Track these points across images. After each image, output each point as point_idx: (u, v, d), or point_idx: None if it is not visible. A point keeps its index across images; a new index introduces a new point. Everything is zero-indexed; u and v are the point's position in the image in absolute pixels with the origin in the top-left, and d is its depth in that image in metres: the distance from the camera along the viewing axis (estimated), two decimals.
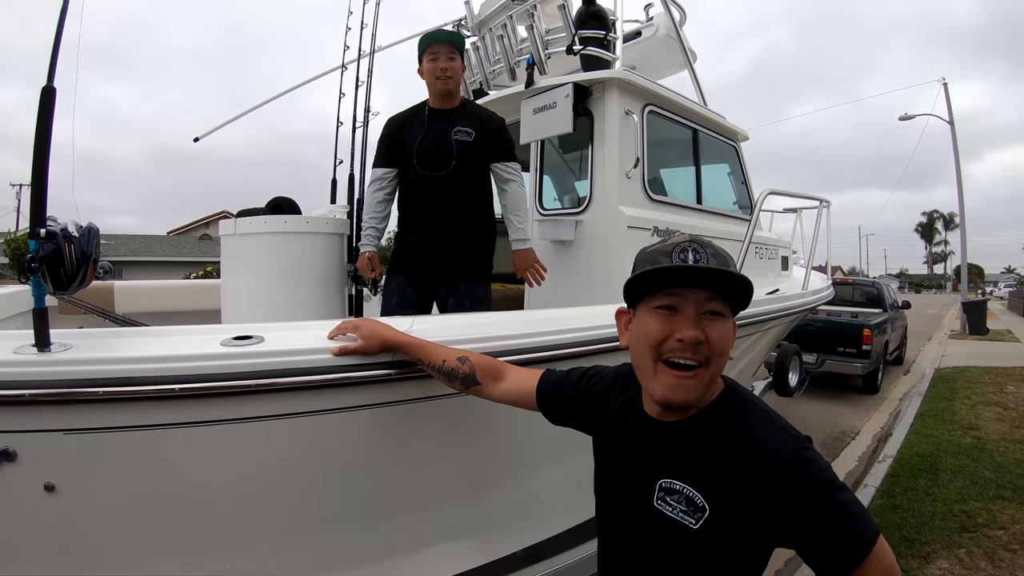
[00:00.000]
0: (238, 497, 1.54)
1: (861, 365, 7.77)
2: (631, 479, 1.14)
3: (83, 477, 1.37)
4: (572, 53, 3.19)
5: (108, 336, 1.55)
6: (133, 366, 1.34)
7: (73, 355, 1.34)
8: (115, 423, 1.35)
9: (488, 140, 2.69)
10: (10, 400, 1.26)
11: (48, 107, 1.37)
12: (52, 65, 1.38)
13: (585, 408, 1.31)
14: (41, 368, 1.30)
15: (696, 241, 1.05)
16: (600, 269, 2.89)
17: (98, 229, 1.50)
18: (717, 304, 1.02)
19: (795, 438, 1.00)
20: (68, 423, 1.32)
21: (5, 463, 1.29)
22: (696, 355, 1.01)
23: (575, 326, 1.97)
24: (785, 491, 0.95)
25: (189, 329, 1.61)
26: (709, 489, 1.01)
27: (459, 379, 1.48)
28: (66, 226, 1.42)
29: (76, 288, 1.42)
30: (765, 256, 4.12)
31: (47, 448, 1.32)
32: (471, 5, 4.36)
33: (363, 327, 1.55)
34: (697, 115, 3.60)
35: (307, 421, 1.50)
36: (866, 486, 4.24)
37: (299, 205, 2.89)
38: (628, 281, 1.08)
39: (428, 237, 2.66)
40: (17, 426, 1.29)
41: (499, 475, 2.00)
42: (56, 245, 1.37)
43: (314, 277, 2.70)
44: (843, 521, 0.93)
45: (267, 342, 1.49)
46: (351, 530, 1.74)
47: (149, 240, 31.78)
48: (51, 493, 1.33)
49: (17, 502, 1.33)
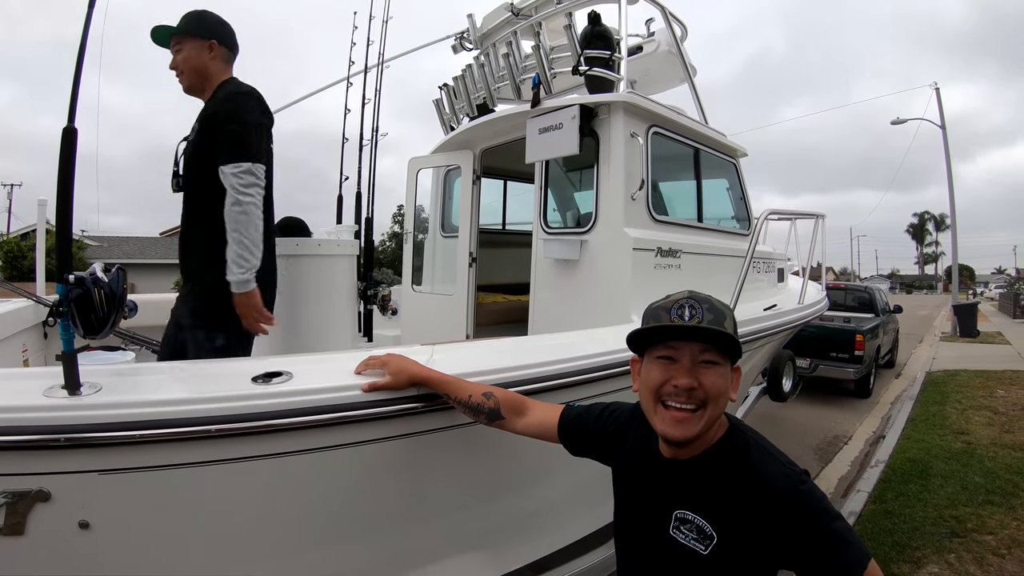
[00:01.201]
0: (266, 527, 1.60)
1: (854, 370, 7.89)
2: (649, 510, 1.27)
3: (118, 515, 1.41)
4: (578, 74, 3.26)
5: (136, 374, 1.60)
6: (166, 408, 1.38)
7: (104, 398, 1.38)
8: (150, 463, 1.38)
9: (208, 135, 2.07)
10: (43, 444, 1.29)
11: (70, 148, 1.41)
12: (72, 107, 1.42)
13: (605, 442, 1.43)
14: (73, 412, 1.32)
15: (694, 297, 1.20)
16: (605, 289, 2.96)
17: (125, 271, 1.53)
18: (711, 354, 1.16)
19: (794, 472, 1.14)
20: (102, 464, 1.35)
21: (39, 503, 1.32)
22: (691, 400, 1.15)
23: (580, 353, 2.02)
24: (784, 519, 1.09)
25: (219, 364, 1.66)
26: (717, 518, 1.16)
27: (484, 413, 1.56)
28: (94, 270, 1.46)
29: (108, 332, 1.45)
30: (762, 270, 4.20)
31: (82, 488, 1.35)
32: (474, 18, 4.42)
33: (391, 363, 1.61)
34: (699, 134, 3.67)
35: (338, 453, 1.56)
36: (858, 491, 4.33)
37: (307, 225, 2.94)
38: (631, 335, 1.25)
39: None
40: (51, 468, 1.32)
41: (514, 494, 2.08)
42: (84, 290, 1.39)
43: (326, 296, 2.77)
44: (838, 548, 1.07)
45: (296, 379, 1.54)
46: (377, 546, 1.81)
47: (143, 242, 31.32)
48: (86, 530, 1.37)
49: (52, 539, 1.37)
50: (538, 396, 1.71)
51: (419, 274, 4.68)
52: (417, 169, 4.61)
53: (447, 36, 4.59)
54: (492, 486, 2.01)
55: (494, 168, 4.58)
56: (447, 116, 4.42)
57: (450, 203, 4.68)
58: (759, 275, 4.17)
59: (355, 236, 2.98)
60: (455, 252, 4.14)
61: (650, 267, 2.95)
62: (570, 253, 3.13)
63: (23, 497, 1.30)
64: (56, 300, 1.35)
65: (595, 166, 3.10)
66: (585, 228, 3.12)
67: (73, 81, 1.41)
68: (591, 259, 3.08)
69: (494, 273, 4.67)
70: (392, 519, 1.80)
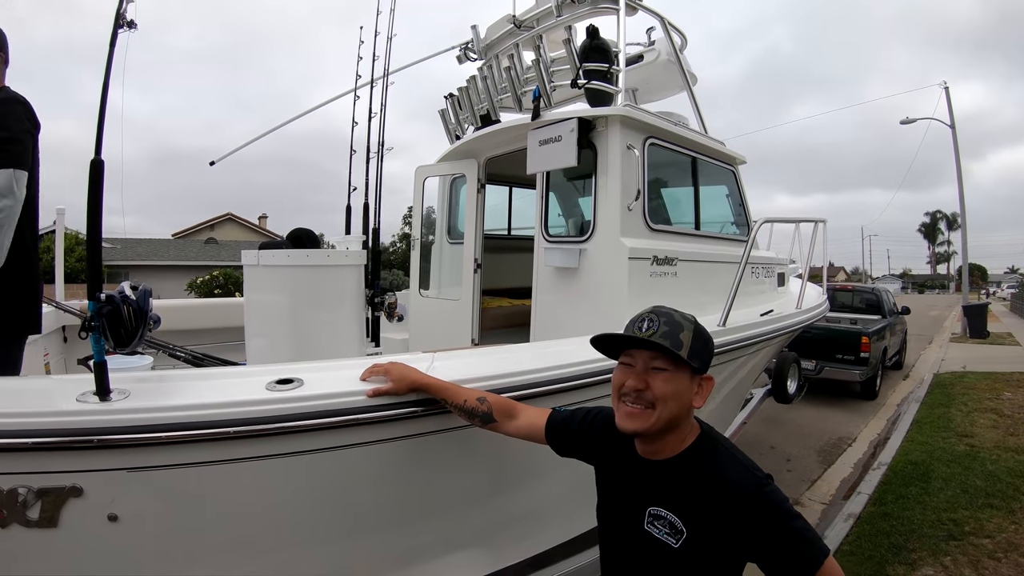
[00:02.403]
0: (280, 519, 1.73)
1: (859, 372, 7.92)
2: (627, 506, 1.41)
3: (144, 509, 1.54)
4: (576, 87, 3.35)
5: (161, 381, 1.73)
6: (189, 412, 1.52)
7: (132, 403, 1.52)
8: (174, 461, 1.52)
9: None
10: (76, 446, 1.43)
11: (98, 179, 1.54)
12: (99, 139, 1.54)
13: (589, 443, 1.57)
14: (104, 416, 1.47)
15: (655, 312, 1.36)
16: (603, 297, 3.06)
17: (151, 289, 1.68)
18: (660, 362, 1.31)
19: (756, 476, 1.27)
20: (131, 463, 1.49)
21: (72, 498, 1.45)
22: (640, 400, 1.32)
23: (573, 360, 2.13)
24: (748, 518, 1.21)
25: (235, 371, 1.79)
26: (687, 515, 1.29)
27: (478, 417, 1.69)
28: (123, 288, 1.60)
29: (136, 344, 1.60)
30: (761, 275, 4.28)
31: (112, 484, 1.48)
32: (477, 29, 4.53)
33: (393, 371, 1.74)
34: (696, 144, 3.76)
35: (345, 454, 1.69)
36: (859, 493, 4.39)
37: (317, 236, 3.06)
38: (593, 342, 1.43)
39: None
40: (84, 467, 1.45)
41: (509, 492, 2.19)
42: (114, 306, 1.54)
43: (335, 305, 2.88)
44: (797, 544, 1.19)
45: (307, 385, 1.67)
46: (381, 542, 1.95)
47: (155, 244, 31.33)
48: (115, 523, 1.50)
49: (83, 531, 1.50)
50: (528, 401, 1.83)
51: (426, 279, 4.80)
52: (424, 177, 4.73)
53: (452, 47, 4.71)
54: (490, 485, 2.13)
55: (499, 175, 4.69)
56: (452, 126, 4.54)
57: (456, 210, 4.79)
58: (758, 280, 4.24)
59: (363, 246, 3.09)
60: (461, 258, 4.25)
61: (646, 275, 3.05)
62: (569, 261, 3.23)
63: (58, 492, 1.43)
64: (88, 315, 1.48)
65: (593, 177, 3.19)
66: (584, 237, 3.22)
67: (99, 115, 1.53)
68: (590, 267, 3.18)
69: (500, 277, 4.78)
70: (396, 516, 1.93)
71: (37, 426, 1.42)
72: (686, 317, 1.36)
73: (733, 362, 3.17)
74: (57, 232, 3.76)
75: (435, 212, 4.96)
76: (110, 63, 1.59)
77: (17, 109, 2.12)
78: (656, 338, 1.30)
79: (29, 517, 1.43)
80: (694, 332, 1.34)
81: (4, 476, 1.40)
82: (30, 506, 1.42)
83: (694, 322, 1.37)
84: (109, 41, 1.60)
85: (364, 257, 3.00)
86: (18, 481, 1.41)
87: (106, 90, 1.57)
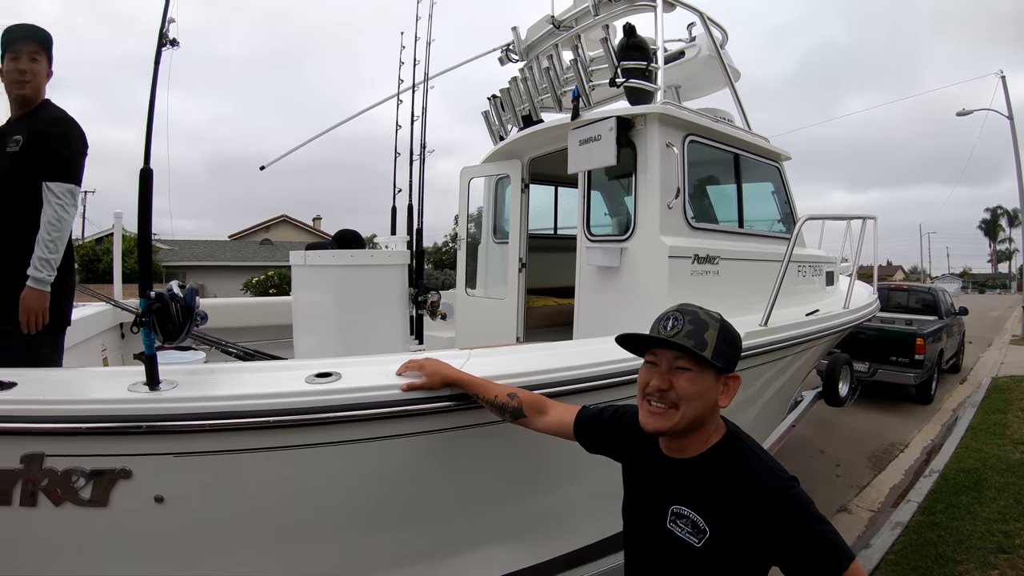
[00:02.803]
0: (318, 507, 1.80)
1: (914, 375, 7.64)
2: (650, 504, 1.41)
3: (188, 492, 1.63)
4: (615, 86, 3.35)
5: (208, 373, 1.84)
6: (231, 402, 1.61)
7: (180, 393, 1.62)
8: (218, 447, 1.61)
9: (36, 149, 2.21)
10: (128, 431, 1.54)
11: (147, 187, 1.67)
12: (147, 149, 1.65)
13: (616, 440, 1.57)
14: (153, 405, 1.57)
15: (680, 310, 1.35)
16: (643, 295, 3.05)
17: (197, 288, 1.78)
18: (684, 361, 1.30)
19: (782, 477, 1.25)
20: (177, 448, 1.58)
21: (122, 480, 1.55)
22: (663, 400, 1.31)
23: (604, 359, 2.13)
24: (771, 520, 1.19)
25: (279, 365, 1.87)
26: (710, 515, 1.27)
27: (508, 412, 1.72)
28: (171, 287, 1.71)
29: (183, 338, 1.70)
30: (808, 274, 4.17)
31: (158, 468, 1.58)
32: (518, 31, 4.58)
33: (427, 366, 1.78)
34: (738, 140, 3.71)
35: (379, 445, 1.75)
36: (908, 501, 4.26)
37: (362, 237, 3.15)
38: (618, 341, 1.43)
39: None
40: (133, 451, 1.56)
41: (542, 488, 2.21)
42: (163, 303, 1.65)
43: (379, 303, 2.97)
44: (821, 548, 1.16)
45: (344, 378, 1.74)
46: (415, 532, 1.99)
47: (212, 245, 32.31)
48: (160, 504, 1.60)
49: (131, 511, 1.60)
50: (558, 399, 1.84)
51: (473, 278, 4.87)
52: (469, 178, 4.81)
53: (493, 49, 4.77)
54: (523, 480, 2.15)
55: (543, 175, 4.72)
56: (495, 127, 4.60)
57: (501, 210, 4.85)
58: (806, 279, 4.14)
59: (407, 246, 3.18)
60: (506, 257, 4.31)
61: (687, 274, 3.02)
62: (611, 260, 3.23)
63: (109, 474, 1.53)
64: (140, 311, 1.59)
65: (633, 175, 3.18)
66: (625, 236, 3.22)
67: (147, 128, 1.64)
68: (631, 266, 3.17)
69: (546, 276, 4.81)
70: (430, 508, 1.97)
71: (91, 413, 1.53)
72: (712, 315, 1.35)
73: (777, 363, 3.11)
74: (115, 235, 3.97)
75: (481, 212, 5.03)
76: (155, 80, 1.70)
77: (76, 129, 2.33)
78: (680, 337, 1.29)
79: (81, 497, 1.53)
80: (719, 331, 1.32)
81: (60, 458, 1.51)
82: (83, 486, 1.53)
83: (720, 320, 1.35)
84: (154, 59, 1.71)
85: (407, 257, 3.07)
86: (73, 463, 1.51)
87: (152, 104, 1.68)
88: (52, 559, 1.64)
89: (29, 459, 1.50)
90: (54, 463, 1.51)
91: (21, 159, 2.20)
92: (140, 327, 1.60)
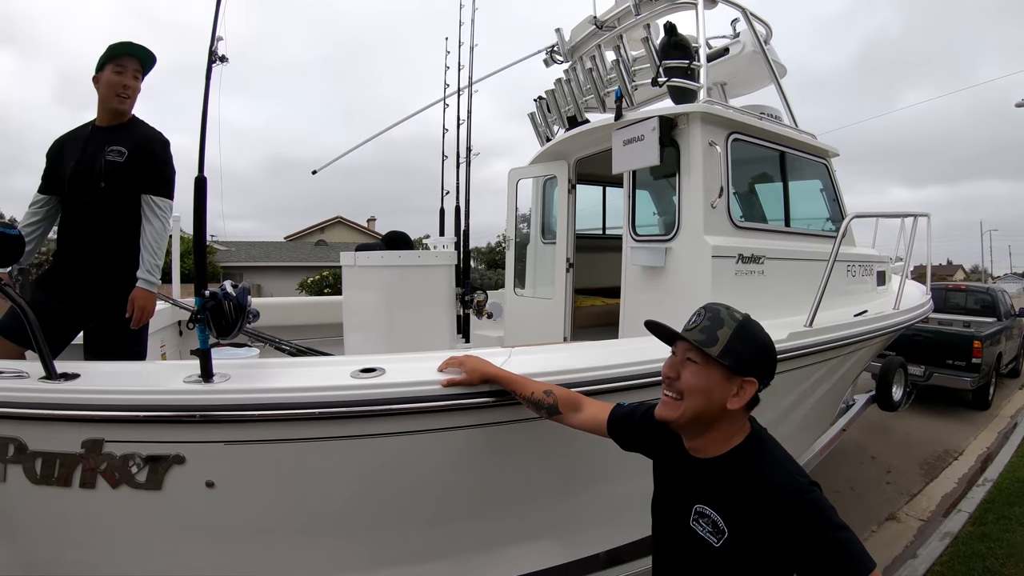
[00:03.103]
0: (359, 498, 1.88)
1: (970, 379, 7.33)
2: (676, 502, 1.43)
3: (238, 477, 1.74)
4: (657, 85, 3.36)
5: (259, 367, 1.94)
6: (280, 394, 1.71)
7: (232, 385, 1.74)
8: (266, 437, 1.72)
9: (140, 163, 2.44)
10: (183, 420, 1.65)
11: (202, 194, 1.79)
12: (201, 159, 1.77)
13: (647, 438, 1.60)
14: (207, 396, 1.69)
15: (707, 307, 1.39)
16: (688, 295, 3.02)
17: (249, 288, 1.90)
18: (693, 354, 1.34)
19: (798, 481, 1.24)
20: (228, 437, 1.69)
21: (176, 465, 1.67)
22: (671, 388, 1.37)
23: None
24: (785, 523, 1.19)
25: (327, 360, 1.97)
26: (729, 515, 1.29)
27: (544, 408, 1.77)
28: (224, 286, 1.83)
29: (235, 334, 1.82)
30: (858, 274, 4.07)
31: (210, 455, 1.69)
32: (561, 32, 4.62)
33: (467, 363, 1.85)
34: (783, 137, 3.65)
35: (420, 438, 1.82)
36: (959, 511, 4.13)
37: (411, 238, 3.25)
38: (647, 323, 1.49)
39: (69, 268, 2.47)
40: (187, 438, 1.67)
41: (579, 484, 2.24)
42: (217, 301, 1.78)
43: (426, 302, 3.06)
44: (836, 555, 1.15)
45: (388, 374, 1.82)
46: (456, 525, 2.06)
47: (268, 246, 32.99)
48: (211, 488, 1.71)
49: (183, 494, 1.71)
50: (594, 396, 1.88)
51: (521, 278, 4.94)
52: (517, 179, 4.88)
53: (538, 51, 4.82)
54: (562, 475, 2.18)
55: (590, 175, 4.74)
56: (542, 128, 4.65)
57: (549, 211, 4.89)
58: (855, 279, 4.04)
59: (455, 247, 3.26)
60: (554, 257, 4.35)
61: (731, 274, 3.00)
62: (655, 260, 3.23)
63: (164, 460, 1.66)
64: (195, 309, 1.73)
65: (676, 175, 3.19)
66: (669, 236, 3.22)
67: (200, 138, 1.75)
68: (675, 266, 3.17)
69: (594, 277, 4.83)
70: (470, 501, 2.03)
71: (149, 402, 1.65)
72: (734, 316, 1.36)
73: (823, 364, 3.05)
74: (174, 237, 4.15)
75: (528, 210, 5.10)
76: (207, 95, 1.81)
77: (169, 148, 2.57)
78: (693, 332, 1.33)
79: (138, 480, 1.65)
80: (735, 331, 1.32)
81: (119, 444, 1.63)
82: (139, 471, 1.65)
83: (740, 322, 1.34)
84: (204, 76, 1.82)
85: (454, 257, 3.15)
86: (130, 449, 1.64)
87: (205, 118, 1.79)
88: (107, 539, 1.77)
89: (90, 444, 1.63)
90: (113, 448, 1.63)
91: (125, 170, 2.41)
92: (195, 323, 1.73)
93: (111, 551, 1.79)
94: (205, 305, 1.73)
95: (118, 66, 2.42)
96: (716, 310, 1.37)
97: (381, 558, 1.98)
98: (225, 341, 1.92)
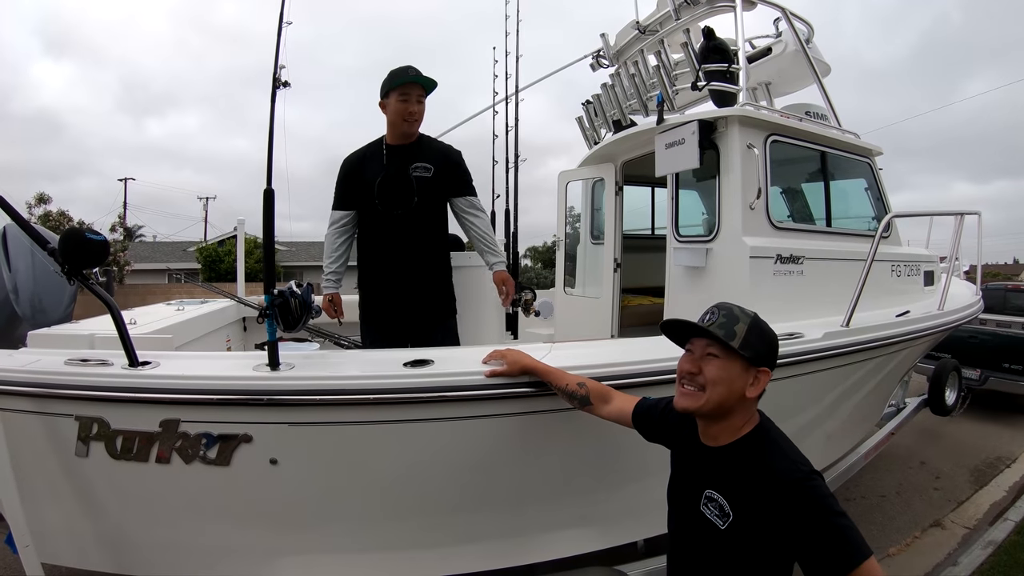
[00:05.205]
0: (408, 478, 2.06)
1: None
2: (688, 488, 1.55)
3: (299, 456, 1.94)
4: (696, 89, 3.44)
5: (321, 358, 2.16)
6: (339, 382, 1.91)
7: (296, 373, 1.93)
8: (326, 419, 1.91)
9: (446, 174, 2.79)
10: (252, 403, 1.85)
11: (270, 205, 1.97)
12: (269, 172, 1.94)
13: (667, 429, 1.72)
14: (273, 382, 1.89)
15: (719, 306, 1.51)
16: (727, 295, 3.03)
17: (312, 287, 2.14)
18: (714, 349, 1.44)
19: (800, 469, 1.34)
20: (291, 419, 1.89)
21: (244, 443, 1.87)
22: (692, 382, 1.46)
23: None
24: (785, 508, 1.28)
25: (383, 352, 2.23)
26: (735, 500, 1.39)
27: (576, 399, 1.91)
28: (291, 285, 2.07)
29: (300, 328, 2.08)
30: (903, 274, 4.03)
31: (275, 435, 1.89)
32: (607, 37, 4.73)
33: (508, 356, 2.01)
34: (823, 138, 3.67)
35: (464, 424, 1.98)
36: (1006, 520, 4.05)
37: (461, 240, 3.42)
38: (662, 325, 1.60)
39: (398, 277, 2.78)
40: (255, 419, 1.87)
41: (615, 473, 2.35)
42: (284, 299, 2.02)
43: (475, 301, 3.23)
44: (834, 541, 1.23)
45: (436, 365, 2.00)
46: (495, 510, 2.22)
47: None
48: (275, 466, 1.91)
49: (249, 470, 1.91)
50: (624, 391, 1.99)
51: (572, 278, 5.09)
52: (566, 181, 5.02)
53: (584, 56, 4.94)
54: (598, 463, 2.29)
55: (638, 176, 4.83)
56: (589, 132, 4.78)
57: (598, 212, 4.98)
58: (899, 278, 4.00)
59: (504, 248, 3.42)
60: (602, 257, 4.48)
61: (769, 274, 3.05)
62: (697, 261, 3.31)
63: (233, 438, 1.86)
64: (264, 305, 1.95)
65: (716, 177, 3.26)
66: (710, 236, 3.30)
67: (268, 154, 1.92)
68: (715, 266, 3.24)
69: (643, 276, 4.91)
70: (510, 486, 2.19)
71: (221, 386, 1.86)
72: (746, 312, 1.48)
73: (862, 365, 3.07)
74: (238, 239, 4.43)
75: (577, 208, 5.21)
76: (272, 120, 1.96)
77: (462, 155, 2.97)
78: (712, 328, 1.43)
79: (208, 457, 1.86)
80: (750, 325, 1.44)
81: (194, 423, 1.84)
82: (210, 448, 1.86)
83: (753, 317, 1.47)
84: (270, 99, 1.98)
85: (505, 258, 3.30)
86: (203, 428, 1.85)
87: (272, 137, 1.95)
88: (180, 510, 1.99)
89: (167, 424, 1.84)
90: (188, 428, 1.84)
91: (434, 183, 2.75)
92: (265, 318, 1.96)
93: (183, 522, 2.01)
94: (274, 302, 1.96)
95: (403, 94, 2.65)
96: (729, 308, 1.49)
97: (428, 539, 2.16)
98: (289, 336, 2.16)
